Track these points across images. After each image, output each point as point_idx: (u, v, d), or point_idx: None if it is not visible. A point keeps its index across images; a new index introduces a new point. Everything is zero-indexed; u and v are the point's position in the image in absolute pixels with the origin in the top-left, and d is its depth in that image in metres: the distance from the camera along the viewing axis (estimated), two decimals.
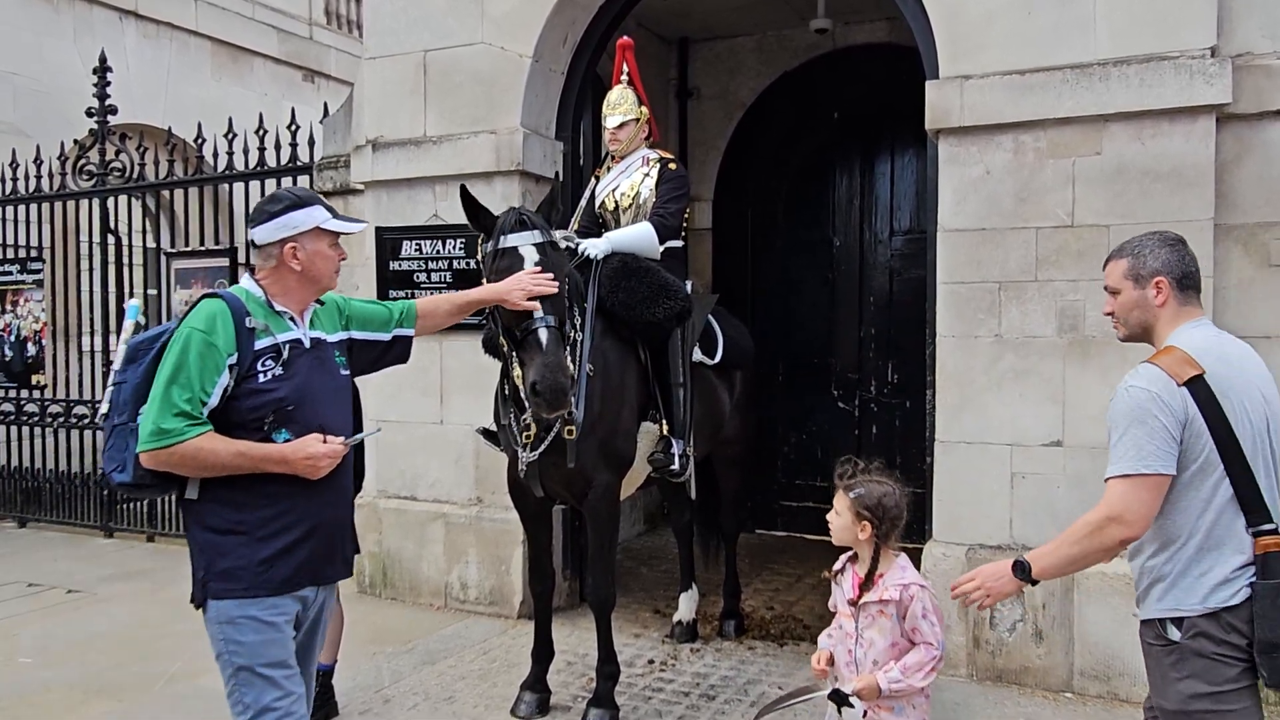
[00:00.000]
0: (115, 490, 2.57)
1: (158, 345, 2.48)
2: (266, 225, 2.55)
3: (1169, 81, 3.95)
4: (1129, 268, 2.41)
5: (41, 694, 4.27)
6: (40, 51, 9.31)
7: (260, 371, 2.47)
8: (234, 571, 2.46)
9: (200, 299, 2.52)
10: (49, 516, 7.74)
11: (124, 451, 2.46)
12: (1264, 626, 2.17)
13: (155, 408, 2.38)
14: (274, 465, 2.46)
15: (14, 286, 7.97)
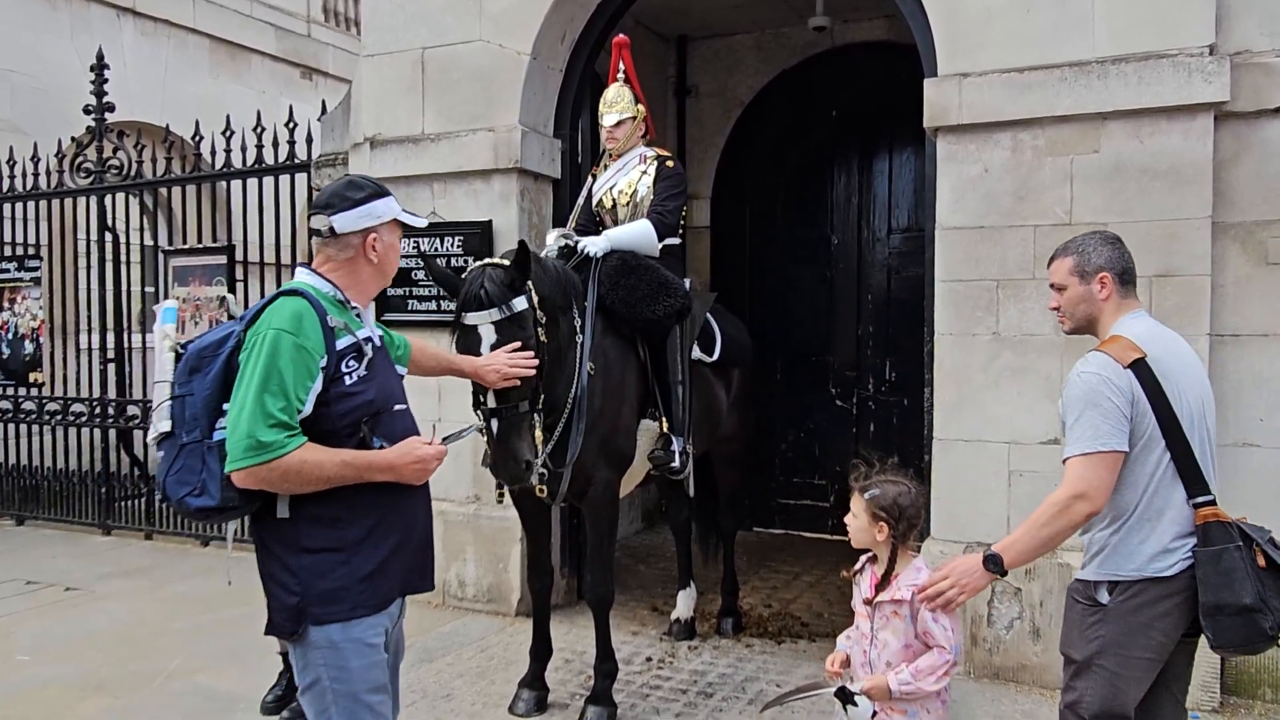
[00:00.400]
0: (189, 515, 2.29)
1: (225, 350, 2.25)
2: (349, 213, 2.34)
3: (1167, 79, 3.95)
4: (1075, 264, 2.59)
5: (39, 691, 4.27)
6: (38, 49, 9.29)
7: (346, 374, 2.25)
8: (336, 593, 2.23)
9: (276, 296, 2.28)
10: (47, 514, 7.73)
11: (199, 473, 2.20)
12: (1207, 591, 2.37)
13: (247, 419, 2.12)
14: (380, 474, 2.25)
15: (12, 284, 7.96)
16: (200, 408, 2.23)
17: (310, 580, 2.23)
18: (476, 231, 5.32)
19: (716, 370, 4.75)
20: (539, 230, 5.42)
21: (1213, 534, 2.41)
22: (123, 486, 7.51)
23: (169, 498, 2.25)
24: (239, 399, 2.16)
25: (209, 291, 6.90)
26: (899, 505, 2.57)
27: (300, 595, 2.23)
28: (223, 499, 2.19)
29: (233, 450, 2.14)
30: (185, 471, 2.22)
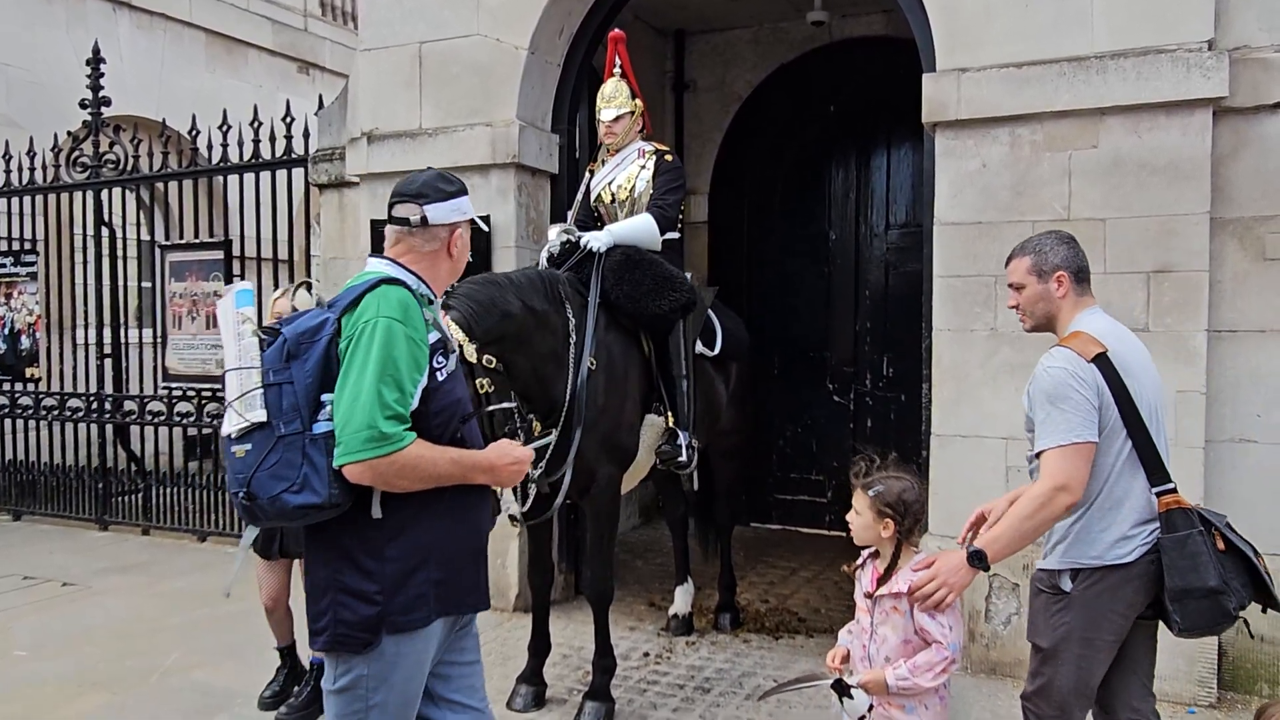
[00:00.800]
0: (280, 515, 2.07)
1: (323, 337, 2.10)
2: (442, 205, 2.28)
3: (1166, 75, 3.95)
4: (1032, 264, 2.67)
5: (37, 687, 4.27)
6: (33, 43, 9.25)
7: (438, 369, 2.17)
8: (416, 601, 2.15)
9: (377, 284, 2.15)
10: (44, 509, 7.72)
11: (299, 467, 2.03)
12: (1173, 576, 2.46)
13: (365, 409, 2.00)
14: (480, 475, 2.20)
15: (8, 279, 7.94)
16: (301, 397, 2.06)
17: (393, 587, 2.12)
18: (474, 227, 5.30)
19: (716, 365, 4.75)
20: (537, 225, 5.41)
21: (1176, 521, 2.49)
22: (120, 482, 7.50)
23: (256, 495, 2.05)
24: (350, 388, 2.03)
25: (205, 286, 6.89)
26: (904, 501, 2.56)
27: (382, 604, 2.11)
28: (329, 496, 2.04)
29: (349, 442, 2.00)
30: (283, 465, 2.04)
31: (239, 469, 2.08)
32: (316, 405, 2.07)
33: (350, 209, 6.01)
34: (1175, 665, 3.96)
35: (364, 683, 2.15)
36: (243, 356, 2.13)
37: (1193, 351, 3.98)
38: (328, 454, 2.04)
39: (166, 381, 7.09)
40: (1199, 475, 3.99)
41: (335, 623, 2.13)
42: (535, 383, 3.71)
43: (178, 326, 7.01)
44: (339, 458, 2.02)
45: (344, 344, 2.10)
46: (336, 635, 2.13)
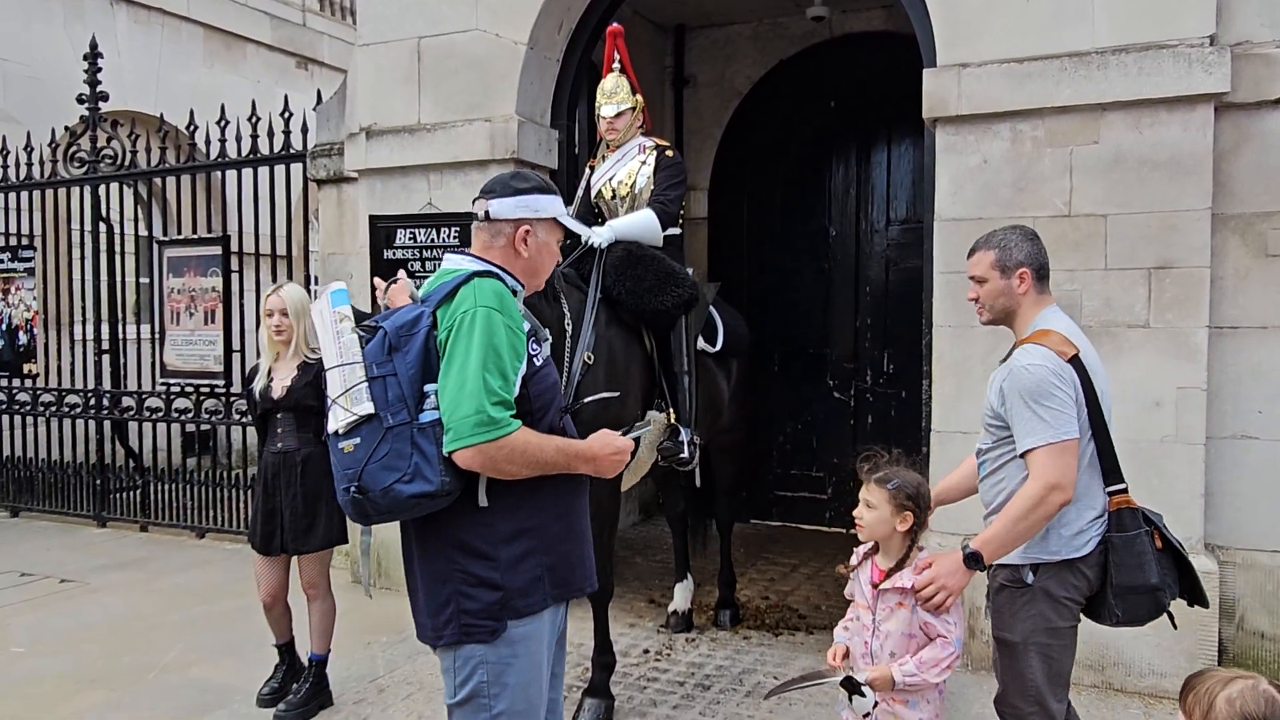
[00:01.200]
0: (393, 506, 2.07)
1: (421, 329, 2.12)
2: (507, 200, 2.30)
3: (1167, 70, 3.93)
4: (996, 259, 2.68)
5: (34, 684, 4.26)
6: (30, 37, 9.23)
7: (533, 355, 2.21)
8: (532, 584, 2.18)
9: (471, 276, 2.17)
10: (41, 506, 7.71)
11: (410, 457, 2.05)
12: (1121, 572, 2.56)
13: (472, 396, 2.02)
14: (583, 464, 2.22)
15: (5, 274, 7.92)
16: (406, 388, 2.09)
17: (511, 574, 2.15)
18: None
19: (718, 361, 4.74)
20: None
21: (1125, 520, 2.58)
22: (118, 478, 7.49)
23: (368, 489, 2.05)
24: (455, 376, 2.05)
25: (203, 282, 6.87)
26: (922, 494, 2.60)
27: (503, 589, 2.14)
28: (441, 484, 2.05)
29: (458, 427, 2.02)
30: (393, 456, 2.05)
31: (348, 464, 2.08)
32: (421, 395, 2.09)
33: (349, 204, 5.99)
34: (1176, 663, 3.95)
35: (485, 689, 2.16)
36: (344, 354, 2.15)
37: (1194, 348, 3.97)
38: (436, 442, 2.05)
39: (164, 378, 7.08)
40: (1200, 472, 3.98)
41: (459, 613, 2.14)
42: None
43: (176, 322, 6.99)
44: (449, 444, 2.04)
45: (443, 334, 2.11)
46: (463, 626, 2.14)
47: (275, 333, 3.86)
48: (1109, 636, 4.06)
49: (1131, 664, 4.06)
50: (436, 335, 2.13)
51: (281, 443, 3.87)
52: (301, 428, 3.85)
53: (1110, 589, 2.57)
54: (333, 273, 6.07)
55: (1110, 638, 4.06)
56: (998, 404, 2.62)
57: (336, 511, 3.93)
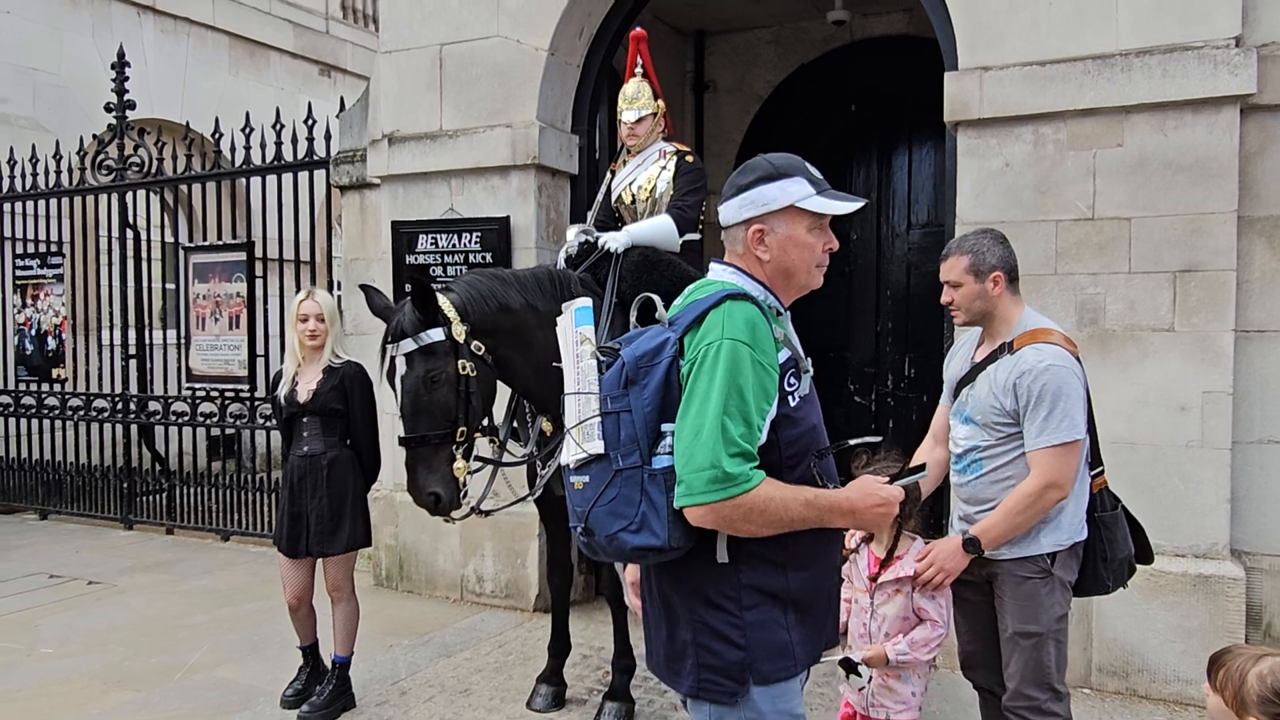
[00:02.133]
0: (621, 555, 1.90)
1: (663, 360, 1.87)
2: (731, 202, 2.01)
3: (1192, 72, 3.90)
4: (970, 264, 2.75)
5: (63, 684, 4.31)
6: (60, 47, 9.37)
7: (789, 393, 1.91)
8: (783, 648, 1.92)
9: (722, 299, 1.89)
10: (70, 509, 7.81)
11: (638, 504, 1.84)
12: (1112, 547, 2.75)
13: (708, 446, 1.76)
14: (840, 518, 1.92)
15: (34, 281, 8.04)
16: (640, 427, 1.85)
17: (757, 633, 1.90)
18: (494, 228, 5.33)
19: None
20: (557, 226, 5.42)
21: (1107, 499, 2.79)
22: (144, 481, 7.57)
23: (594, 532, 1.88)
24: (692, 420, 1.80)
25: (228, 288, 6.94)
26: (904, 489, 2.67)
27: (746, 649, 1.89)
28: (668, 539, 1.82)
29: (691, 482, 1.78)
30: (621, 502, 1.85)
31: (577, 502, 1.93)
32: (656, 436, 1.86)
33: (371, 210, 6.04)
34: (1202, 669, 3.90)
35: None
36: (581, 380, 1.95)
37: (1220, 351, 3.93)
38: (667, 491, 1.83)
39: (190, 382, 7.16)
40: (1226, 478, 3.94)
41: (699, 667, 1.93)
42: (540, 379, 3.72)
43: (201, 327, 7.07)
44: (679, 499, 1.80)
45: (686, 368, 1.86)
46: (701, 681, 1.93)
47: (309, 337, 3.90)
48: (1134, 643, 4.03)
49: (1156, 670, 4.02)
50: (682, 366, 1.88)
51: (307, 446, 3.90)
52: (327, 431, 3.89)
53: (1103, 563, 2.75)
54: (356, 278, 6.11)
55: (1135, 644, 4.03)
56: (1009, 402, 2.66)
57: (361, 514, 3.97)
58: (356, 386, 3.92)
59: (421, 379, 3.27)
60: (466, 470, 3.34)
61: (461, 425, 3.32)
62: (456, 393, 3.31)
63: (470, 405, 3.34)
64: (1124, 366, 4.04)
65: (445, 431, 3.29)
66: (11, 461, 8.13)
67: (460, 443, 3.33)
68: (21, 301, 8.11)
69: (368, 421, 3.98)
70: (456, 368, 3.31)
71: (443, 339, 3.31)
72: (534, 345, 3.61)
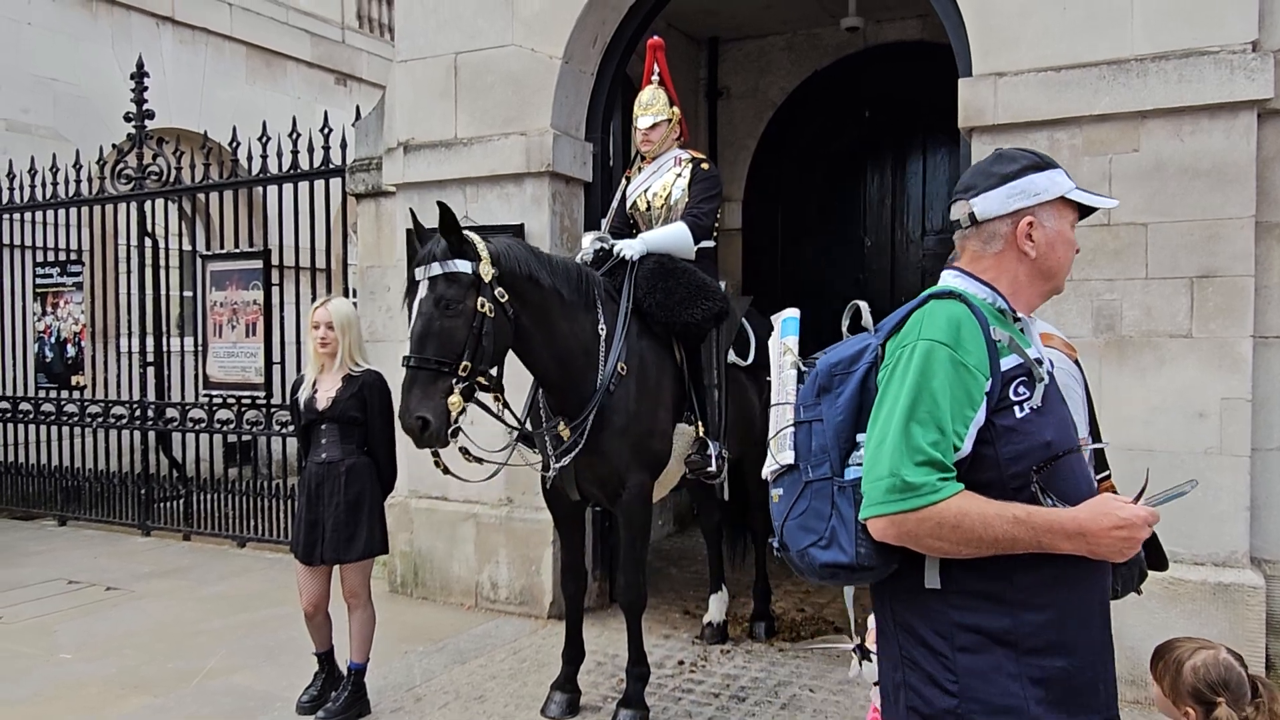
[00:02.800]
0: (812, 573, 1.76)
1: (860, 367, 1.78)
2: (993, 193, 1.81)
3: (1208, 77, 3.88)
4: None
5: (80, 688, 4.34)
6: (79, 57, 9.48)
7: (1016, 403, 1.69)
8: (1010, 709, 1.64)
9: (924, 300, 1.77)
10: (88, 515, 7.87)
11: (827, 519, 1.72)
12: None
13: (890, 454, 1.63)
14: (1065, 541, 1.63)
15: (54, 289, 8.12)
16: (830, 437, 1.76)
17: (972, 681, 1.66)
18: (508, 235, 5.34)
19: (750, 374, 4.73)
20: (570, 233, 5.43)
21: None
22: (161, 488, 7.62)
23: (788, 547, 1.78)
24: (878, 428, 1.68)
25: (245, 295, 6.99)
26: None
27: (958, 697, 1.67)
28: (857, 555, 1.68)
29: (870, 492, 1.65)
30: (810, 516, 1.74)
31: (774, 514, 1.84)
32: (850, 447, 1.75)
33: (386, 218, 6.08)
34: None
35: None
36: (781, 390, 1.91)
37: (1238, 358, 3.90)
38: (857, 505, 1.69)
39: (207, 389, 7.20)
40: (1245, 485, 3.91)
41: (908, 710, 1.74)
42: (560, 371, 3.74)
43: (218, 335, 7.11)
44: (862, 510, 1.67)
45: (883, 373, 1.74)
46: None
47: (320, 344, 3.93)
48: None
49: None
50: (880, 372, 1.76)
51: (325, 453, 3.92)
52: (345, 439, 3.91)
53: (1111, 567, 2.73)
54: (371, 286, 6.15)
55: None
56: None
57: (378, 521, 3.99)
58: (375, 395, 3.93)
59: (438, 303, 3.31)
60: (461, 407, 3.31)
61: (467, 361, 3.32)
62: (470, 328, 3.34)
63: (480, 344, 3.37)
64: (1141, 373, 4.01)
65: (449, 361, 3.30)
66: (31, 468, 8.21)
67: (462, 378, 3.32)
68: (42, 309, 8.19)
69: (385, 430, 4.00)
70: (476, 304, 3.36)
71: (469, 271, 3.36)
72: (554, 326, 3.65)
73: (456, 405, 3.30)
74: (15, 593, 5.84)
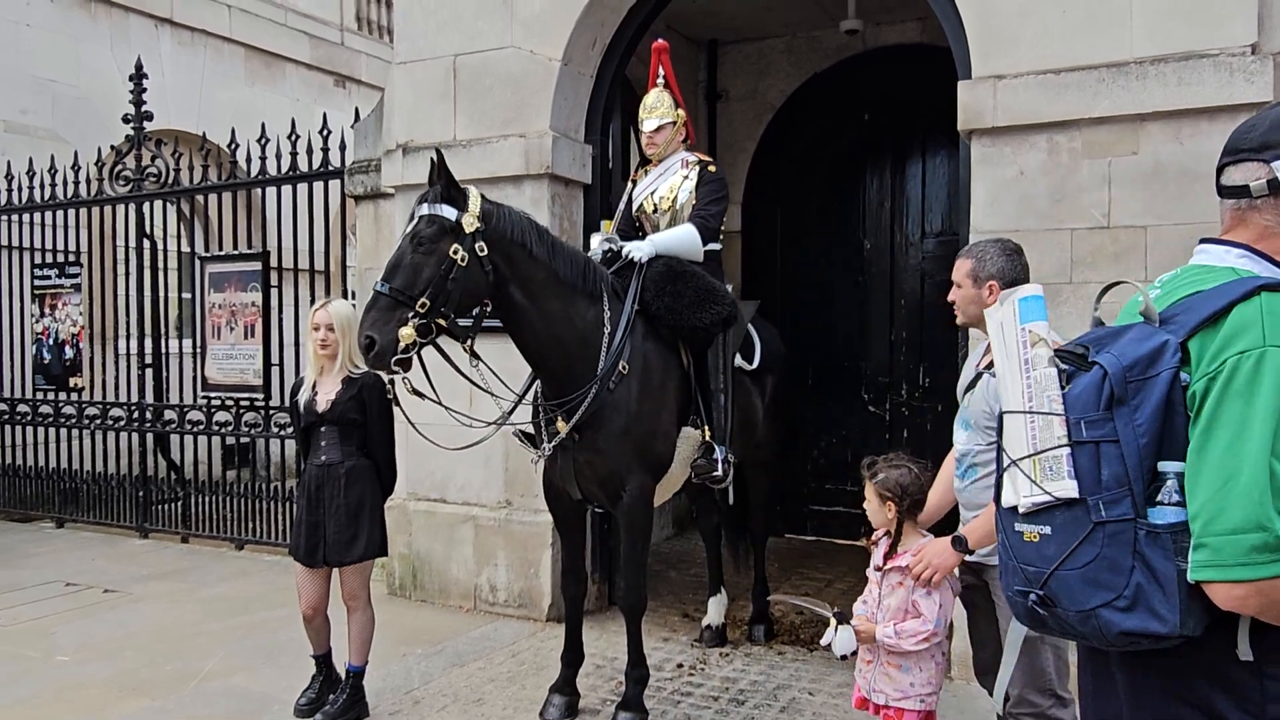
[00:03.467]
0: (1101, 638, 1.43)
1: (1161, 371, 1.39)
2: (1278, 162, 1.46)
3: (1208, 80, 3.88)
4: (971, 269, 2.90)
5: (79, 690, 4.33)
6: (78, 59, 9.47)
7: None
8: None
9: (1254, 290, 1.38)
10: (86, 517, 7.86)
11: (1128, 573, 1.37)
12: None
13: (1244, 497, 1.29)
14: None
15: (53, 290, 8.11)
16: (1131, 464, 1.38)
17: None
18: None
19: (754, 378, 4.73)
20: (570, 235, 5.43)
21: None
22: (159, 490, 7.61)
23: (1059, 603, 1.43)
24: (1217, 460, 1.32)
25: (243, 297, 6.98)
26: (901, 485, 2.96)
27: None
28: (1177, 624, 1.35)
29: (1220, 548, 1.30)
30: (1103, 567, 1.38)
31: (1029, 558, 1.47)
32: (1153, 477, 1.39)
33: (385, 220, 6.07)
34: None
35: None
36: (1034, 395, 1.49)
37: None
38: (1176, 557, 1.35)
39: (205, 391, 7.20)
40: None
41: None
42: (554, 354, 3.75)
43: (217, 337, 7.11)
44: (1199, 569, 1.33)
45: (1198, 383, 1.38)
46: None
47: (320, 346, 3.93)
48: None
49: None
50: (1192, 382, 1.39)
51: (325, 455, 3.92)
52: (345, 440, 3.90)
53: None
54: (369, 288, 6.13)
55: None
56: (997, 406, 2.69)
57: (378, 523, 3.98)
58: (374, 397, 3.92)
59: (414, 240, 3.44)
60: (411, 339, 3.36)
61: (426, 299, 3.39)
62: (438, 270, 3.42)
63: (445, 289, 3.44)
64: None
65: (410, 295, 3.38)
66: (29, 470, 8.20)
67: (420, 314, 3.38)
68: (40, 311, 8.18)
69: (385, 432, 3.99)
70: (449, 249, 3.44)
71: (452, 218, 3.46)
72: (549, 310, 3.70)
73: (408, 336, 3.37)
74: (13, 595, 5.82)
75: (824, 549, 7.00)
